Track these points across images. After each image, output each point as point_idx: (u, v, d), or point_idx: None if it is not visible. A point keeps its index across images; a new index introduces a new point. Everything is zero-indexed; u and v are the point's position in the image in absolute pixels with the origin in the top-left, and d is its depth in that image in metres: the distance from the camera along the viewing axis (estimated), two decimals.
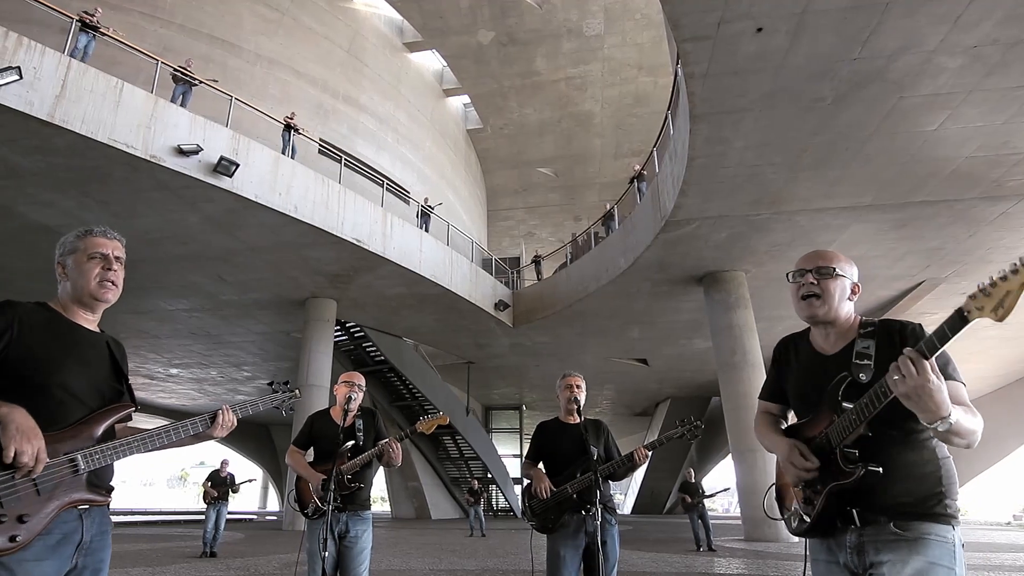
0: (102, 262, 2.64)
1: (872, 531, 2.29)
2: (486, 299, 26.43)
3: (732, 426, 20.00)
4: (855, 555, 2.33)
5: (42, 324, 2.46)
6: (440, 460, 38.32)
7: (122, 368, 2.79)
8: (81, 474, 2.34)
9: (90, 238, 2.66)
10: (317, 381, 22.78)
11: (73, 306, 2.63)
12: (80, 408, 2.45)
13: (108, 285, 2.65)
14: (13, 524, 2.12)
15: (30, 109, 12.76)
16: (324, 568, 4.41)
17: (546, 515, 4.79)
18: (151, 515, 48.65)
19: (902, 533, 2.23)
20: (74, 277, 2.61)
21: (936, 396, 1.99)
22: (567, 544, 4.66)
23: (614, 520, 4.73)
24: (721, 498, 18.15)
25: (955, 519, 2.26)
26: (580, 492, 4.68)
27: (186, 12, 23.13)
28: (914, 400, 2.02)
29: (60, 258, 2.66)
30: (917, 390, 2.00)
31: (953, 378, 2.21)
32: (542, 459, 5.08)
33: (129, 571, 10.89)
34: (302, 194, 17.99)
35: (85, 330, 2.64)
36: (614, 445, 5.06)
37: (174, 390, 41.13)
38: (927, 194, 16.31)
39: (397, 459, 4.90)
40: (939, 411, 2.00)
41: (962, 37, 11.36)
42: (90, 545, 2.42)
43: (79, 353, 2.54)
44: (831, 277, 2.58)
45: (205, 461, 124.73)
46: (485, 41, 32.72)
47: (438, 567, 11.76)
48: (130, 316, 25.87)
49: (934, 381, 1.98)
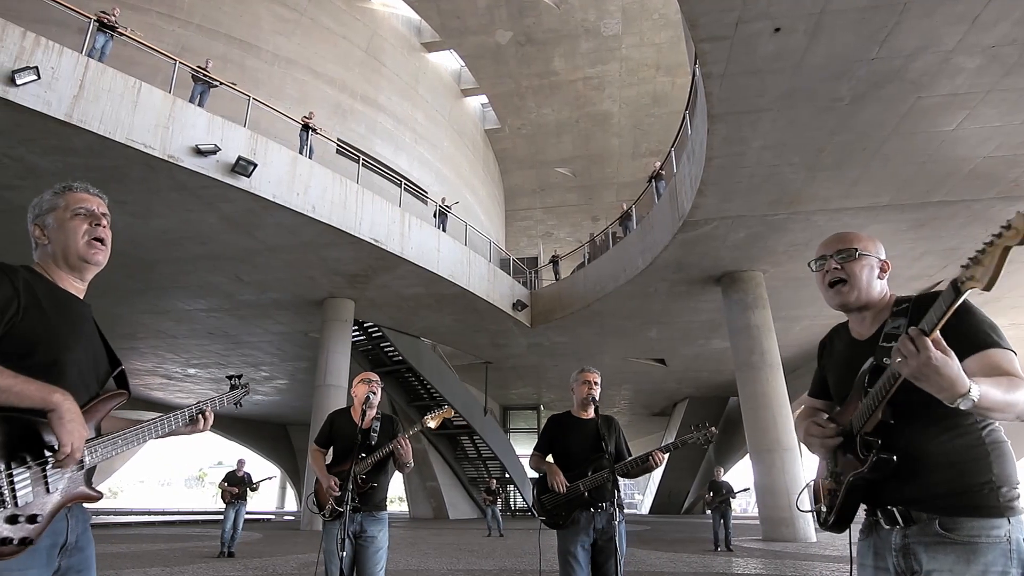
0: (89, 218, 2.38)
1: (917, 531, 2.11)
2: (504, 299, 26.42)
3: (750, 426, 19.98)
4: (901, 557, 2.16)
5: (44, 294, 2.18)
6: (458, 460, 38.28)
7: (110, 345, 2.47)
8: (84, 469, 2.15)
9: (71, 193, 2.40)
10: (335, 381, 22.79)
11: (60, 271, 2.33)
12: (82, 392, 2.18)
13: (97, 245, 2.38)
14: (24, 526, 1.92)
15: (48, 109, 12.79)
16: (342, 568, 4.41)
17: (557, 511, 4.79)
18: (169, 515, 48.83)
19: (947, 534, 2.04)
20: (58, 238, 2.32)
21: (945, 371, 1.84)
22: (577, 540, 4.66)
23: (621, 516, 4.66)
24: (739, 498, 18.04)
25: (1011, 510, 2.02)
26: (591, 490, 4.67)
27: (204, 12, 23.19)
28: (923, 380, 1.89)
29: (37, 219, 2.37)
30: (922, 368, 1.86)
31: (992, 345, 2.09)
32: (553, 453, 5.07)
33: (147, 571, 10.91)
34: (320, 194, 18.00)
35: (80, 302, 2.35)
36: (624, 442, 5.01)
37: (192, 390, 41.24)
38: (945, 194, 16.25)
39: (408, 458, 4.94)
40: (954, 387, 1.84)
41: (980, 37, 11.31)
42: (75, 545, 2.19)
43: (81, 328, 2.29)
44: (854, 259, 2.42)
45: (223, 461, 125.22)
46: (503, 41, 32.71)
47: (455, 567, 11.70)
48: (148, 316, 25.97)
49: (938, 356, 1.84)
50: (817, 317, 25.36)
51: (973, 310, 2.13)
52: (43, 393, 1.97)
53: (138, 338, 29.32)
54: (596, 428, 4.73)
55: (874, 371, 2.23)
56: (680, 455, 40.95)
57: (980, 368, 2.03)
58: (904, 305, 2.32)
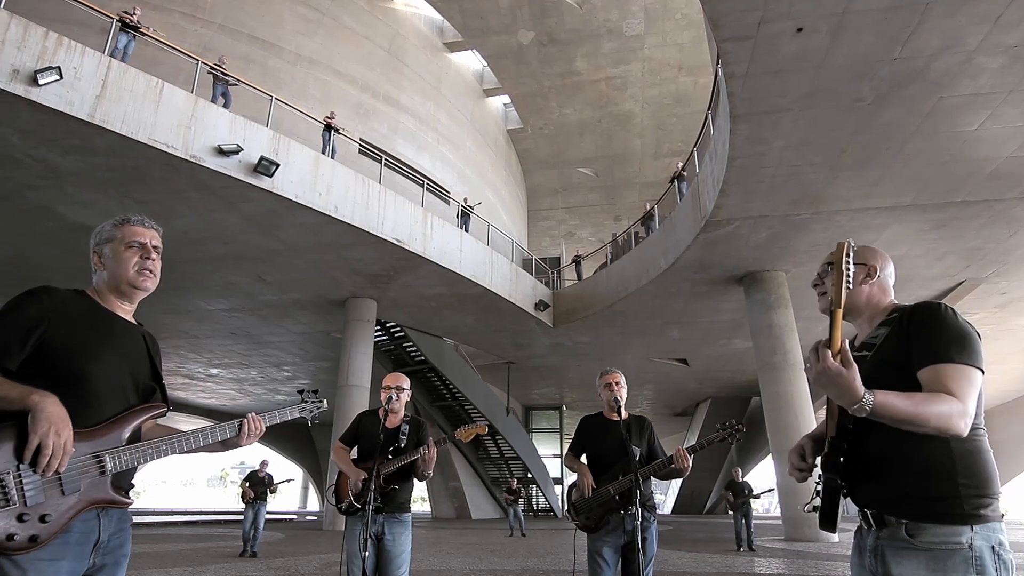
0: (140, 251, 2.57)
1: (888, 534, 2.18)
2: (526, 299, 26.38)
3: (772, 426, 19.93)
4: (873, 558, 2.24)
5: (81, 312, 2.39)
6: (480, 460, 38.35)
7: (157, 364, 2.68)
8: (107, 474, 2.24)
9: (128, 227, 2.60)
10: (357, 381, 22.84)
11: (110, 295, 2.56)
12: (115, 402, 2.36)
13: (147, 274, 2.59)
14: (35, 524, 2.03)
15: (70, 109, 12.86)
16: (364, 569, 4.39)
17: (589, 514, 4.81)
18: (191, 515, 49.12)
19: (911, 540, 2.10)
20: (112, 266, 2.54)
21: (838, 381, 2.01)
22: (607, 542, 4.70)
23: (653, 518, 4.73)
24: (762, 498, 18.05)
25: (977, 519, 2.05)
26: (621, 493, 4.66)
27: (226, 12, 23.29)
28: (822, 386, 2.05)
29: (96, 247, 2.58)
30: (818, 377, 2.04)
31: (944, 360, 2.12)
32: (585, 455, 5.08)
33: (169, 571, 10.95)
34: (342, 194, 18.02)
35: (123, 320, 2.58)
36: (657, 442, 5.04)
37: (214, 390, 41.51)
38: (967, 194, 16.17)
39: (429, 468, 4.96)
40: (849, 395, 2.01)
41: (1003, 37, 11.27)
42: (108, 544, 2.32)
43: (118, 344, 2.47)
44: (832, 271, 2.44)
45: (245, 461, 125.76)
46: (525, 41, 32.69)
47: (478, 567, 11.74)
48: (170, 316, 26.13)
49: (833, 367, 2.01)
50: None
51: (945, 322, 2.18)
52: (22, 395, 2.09)
53: (160, 338, 28.66)
54: (623, 430, 4.70)
55: None
56: (703, 455, 40.18)
57: (927, 380, 2.12)
58: (894, 315, 2.38)
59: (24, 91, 12.30)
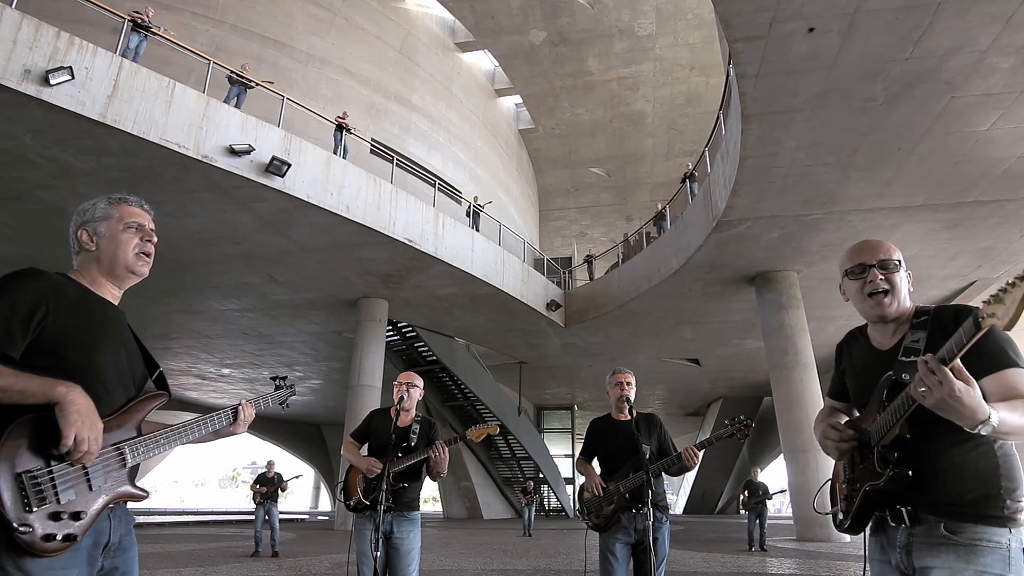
0: (139, 232, 2.46)
1: (922, 531, 2.17)
2: (538, 299, 26.37)
3: (784, 426, 19.88)
4: (904, 555, 2.23)
5: (75, 299, 2.20)
6: (492, 460, 38.36)
7: (147, 349, 2.51)
8: (127, 467, 2.17)
9: (125, 206, 2.48)
10: (369, 381, 22.89)
11: (102, 279, 2.38)
12: (120, 393, 2.25)
13: (144, 258, 2.47)
14: (69, 522, 1.94)
15: (82, 109, 12.89)
16: (375, 568, 4.40)
17: (600, 513, 4.83)
18: (203, 515, 49.16)
19: (951, 536, 2.10)
20: (108, 247, 2.38)
21: (967, 401, 1.87)
22: (618, 542, 4.73)
23: (665, 518, 4.73)
24: (774, 499, 17.97)
25: (1014, 521, 2.08)
26: (631, 491, 4.67)
27: (238, 12, 23.35)
28: (945, 410, 1.92)
29: (86, 224, 2.42)
30: (945, 400, 1.89)
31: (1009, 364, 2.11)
32: (596, 457, 5.11)
33: (181, 571, 10.97)
34: (354, 194, 18.02)
35: (114, 307, 2.39)
36: (668, 440, 5.06)
37: (226, 390, 41.52)
38: (979, 194, 16.11)
39: (444, 466, 4.96)
40: (975, 416, 1.89)
41: (1014, 37, 11.23)
42: (118, 545, 2.21)
43: (115, 333, 2.33)
44: (896, 270, 2.41)
45: (257, 461, 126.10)
46: (537, 41, 32.68)
47: (489, 567, 11.68)
48: (182, 316, 26.21)
49: (960, 388, 1.86)
50: (852, 317, 24.86)
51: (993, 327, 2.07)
52: (45, 388, 1.96)
53: (172, 338, 29.54)
54: (633, 429, 4.69)
55: (893, 385, 2.27)
56: (713, 455, 40.99)
57: (996, 388, 2.08)
58: (924, 318, 2.35)
59: (36, 91, 12.32)
